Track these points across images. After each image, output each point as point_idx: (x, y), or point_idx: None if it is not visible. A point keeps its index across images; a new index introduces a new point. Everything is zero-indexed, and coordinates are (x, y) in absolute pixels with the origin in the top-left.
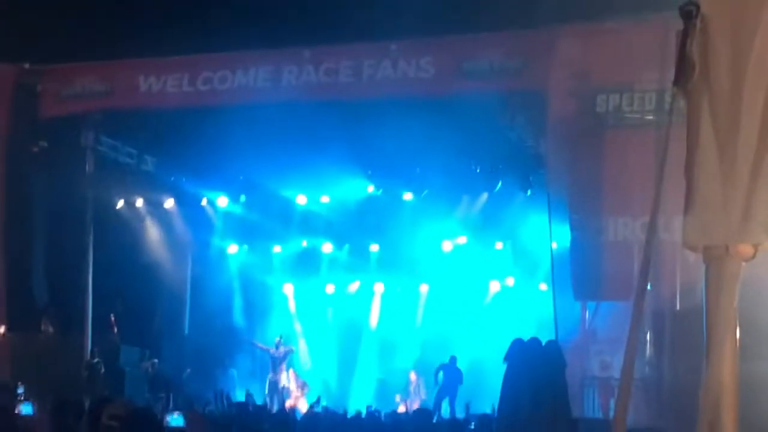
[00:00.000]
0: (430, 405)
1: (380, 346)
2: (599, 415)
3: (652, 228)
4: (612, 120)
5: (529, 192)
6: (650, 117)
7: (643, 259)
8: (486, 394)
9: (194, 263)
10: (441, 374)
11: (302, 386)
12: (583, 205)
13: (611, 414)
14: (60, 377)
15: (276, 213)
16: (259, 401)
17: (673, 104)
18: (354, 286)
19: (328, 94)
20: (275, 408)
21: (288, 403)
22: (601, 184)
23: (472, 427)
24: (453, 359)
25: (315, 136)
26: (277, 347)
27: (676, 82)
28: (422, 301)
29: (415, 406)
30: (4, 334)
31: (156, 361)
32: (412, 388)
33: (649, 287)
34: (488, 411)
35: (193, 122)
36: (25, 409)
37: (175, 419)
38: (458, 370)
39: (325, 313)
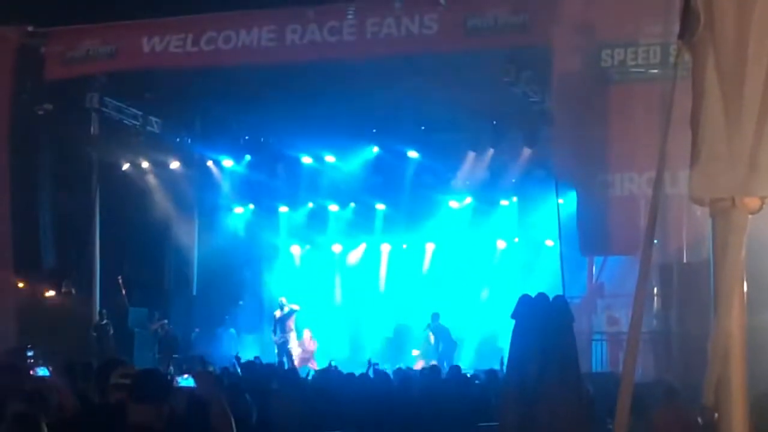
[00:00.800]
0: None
1: (387, 305)
2: (607, 369)
3: (658, 182)
4: (617, 74)
5: (534, 148)
6: (655, 71)
7: (650, 213)
8: (494, 350)
9: (201, 224)
10: (428, 332)
11: (311, 346)
12: (588, 161)
13: (619, 368)
14: (69, 340)
15: (281, 173)
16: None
17: (678, 58)
18: (360, 246)
19: (332, 52)
20: (283, 367)
21: (297, 363)
22: (606, 139)
23: (479, 383)
24: (435, 316)
25: (319, 96)
26: (281, 308)
27: (681, 35)
28: (428, 259)
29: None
30: (13, 298)
31: (165, 321)
32: (430, 345)
33: (656, 241)
34: (496, 367)
35: (197, 83)
36: (41, 371)
37: (185, 380)
38: (443, 327)
39: (332, 273)
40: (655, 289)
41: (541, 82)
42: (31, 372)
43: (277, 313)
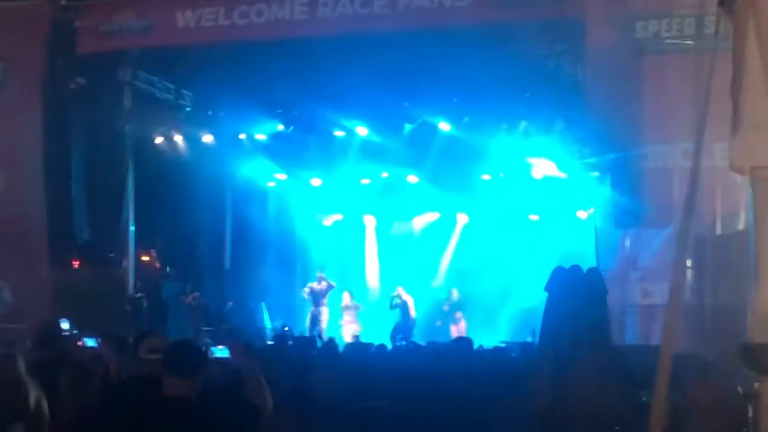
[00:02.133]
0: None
1: (421, 278)
2: (640, 342)
3: (697, 154)
4: (651, 46)
5: (568, 120)
6: (689, 42)
7: (690, 184)
8: (527, 322)
9: (233, 197)
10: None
11: (353, 318)
12: (622, 133)
13: (652, 340)
14: (103, 312)
15: (314, 146)
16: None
17: (718, 26)
18: (393, 218)
19: (364, 25)
20: (318, 341)
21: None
22: (640, 111)
23: (513, 355)
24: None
25: (351, 68)
26: (319, 281)
27: (721, 3)
28: (461, 231)
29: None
30: (47, 270)
31: (198, 294)
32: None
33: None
34: (529, 339)
35: (230, 56)
36: (90, 341)
37: (220, 351)
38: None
39: (363, 245)
40: (689, 262)
41: (574, 54)
42: (79, 343)
43: (314, 286)
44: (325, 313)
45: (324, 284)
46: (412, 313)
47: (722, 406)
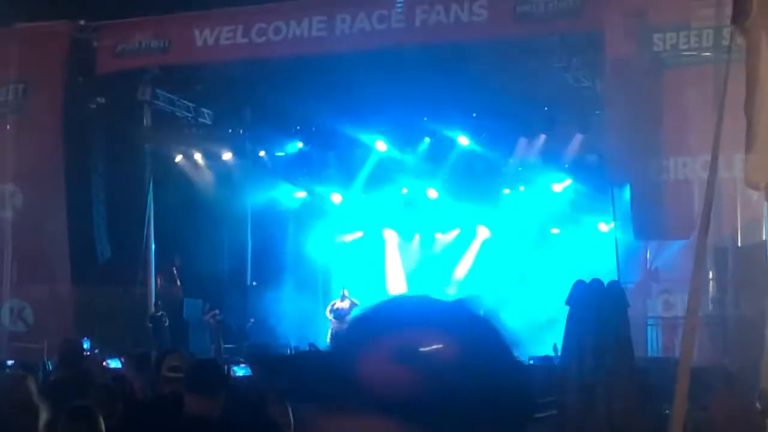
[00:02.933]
0: None
1: (442, 292)
2: (662, 354)
3: (713, 166)
4: (669, 58)
5: (587, 133)
6: (708, 54)
7: (706, 197)
8: (548, 336)
9: (254, 214)
10: None
11: None
12: (642, 145)
13: (675, 353)
14: (125, 331)
15: (334, 162)
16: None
17: (732, 42)
18: (414, 234)
19: (382, 41)
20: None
21: None
22: (659, 124)
23: (536, 369)
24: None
25: (370, 84)
26: (342, 299)
27: (734, 19)
28: (481, 245)
29: None
30: (68, 289)
31: (217, 312)
32: None
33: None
34: (550, 353)
35: (249, 74)
36: (113, 363)
37: (242, 368)
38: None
39: (386, 262)
40: (711, 273)
41: (592, 67)
42: (104, 363)
43: (337, 303)
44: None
45: (347, 302)
46: None
47: (743, 419)
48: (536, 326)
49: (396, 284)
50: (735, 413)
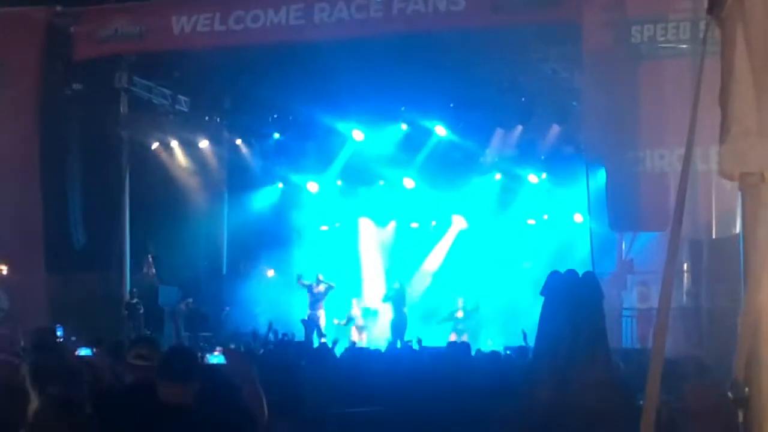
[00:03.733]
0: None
1: (417, 281)
2: (638, 345)
3: (687, 158)
4: (647, 50)
5: (563, 124)
6: (685, 46)
7: (680, 189)
8: (522, 327)
9: (230, 202)
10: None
11: (359, 321)
12: (618, 137)
13: (650, 344)
14: (100, 318)
15: (310, 151)
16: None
17: (707, 33)
18: (390, 223)
19: (360, 30)
20: (311, 344)
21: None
22: (636, 116)
23: (510, 359)
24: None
25: (348, 74)
26: (318, 283)
27: (710, 10)
28: (457, 235)
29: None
30: (43, 277)
31: (190, 300)
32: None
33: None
34: (523, 344)
35: (226, 62)
36: (84, 351)
37: (215, 356)
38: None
39: (361, 250)
40: (685, 265)
41: (570, 59)
42: (75, 352)
43: (314, 288)
44: (321, 316)
45: (322, 287)
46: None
47: (716, 410)
48: (511, 316)
49: (371, 273)
50: (708, 404)
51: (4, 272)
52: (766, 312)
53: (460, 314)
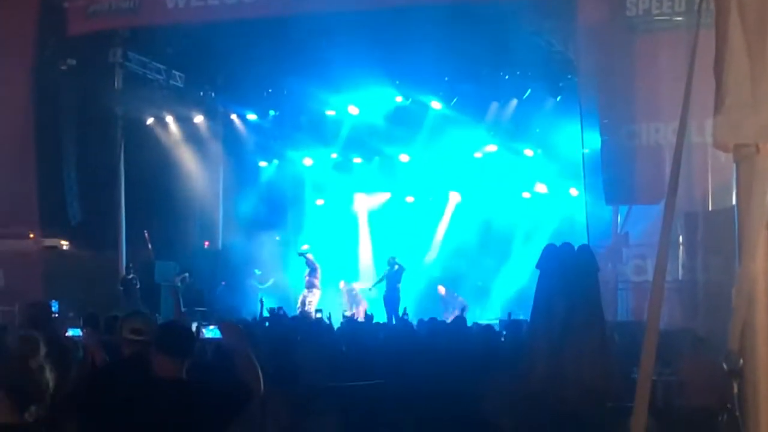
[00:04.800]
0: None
1: (413, 257)
2: (633, 318)
3: (681, 130)
4: (642, 23)
5: (559, 98)
6: (680, 19)
7: (674, 161)
8: (519, 300)
9: (225, 178)
10: (384, 282)
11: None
12: (614, 110)
13: (645, 317)
14: (96, 294)
15: (305, 126)
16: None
17: (702, 5)
18: (385, 197)
19: (355, 3)
20: (306, 318)
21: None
22: (631, 89)
23: (505, 333)
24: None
25: (342, 47)
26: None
27: None
28: (454, 209)
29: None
30: (39, 252)
31: (186, 275)
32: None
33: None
34: (520, 317)
35: (220, 37)
36: (73, 332)
37: (211, 330)
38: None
39: (356, 225)
40: (681, 238)
41: (564, 32)
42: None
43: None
44: (316, 295)
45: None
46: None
47: (712, 382)
48: (508, 289)
49: (367, 248)
50: (703, 376)
51: (65, 247)
52: (760, 282)
53: (441, 290)
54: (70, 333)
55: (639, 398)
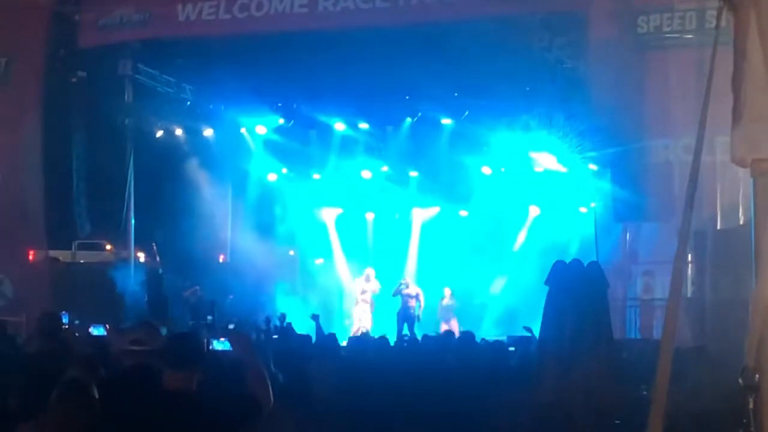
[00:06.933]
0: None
1: (420, 271)
2: (641, 335)
3: (698, 148)
4: (653, 40)
5: (568, 114)
6: (691, 36)
7: (690, 179)
8: (527, 316)
9: (234, 191)
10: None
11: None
12: (623, 127)
13: (653, 334)
14: (104, 306)
15: (315, 140)
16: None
17: (719, 20)
18: (394, 213)
19: (365, 19)
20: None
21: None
22: (642, 106)
23: (513, 349)
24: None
25: (352, 63)
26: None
27: None
28: (461, 225)
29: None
30: (48, 264)
31: (197, 288)
32: (451, 311)
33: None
34: (528, 334)
35: (230, 50)
36: (97, 330)
37: (221, 343)
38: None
39: (365, 240)
40: (690, 256)
41: (575, 48)
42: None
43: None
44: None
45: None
46: (413, 303)
47: (722, 401)
48: (517, 306)
49: (374, 262)
50: (713, 394)
51: (142, 259)
52: None
53: (446, 302)
54: (93, 332)
55: (653, 416)
